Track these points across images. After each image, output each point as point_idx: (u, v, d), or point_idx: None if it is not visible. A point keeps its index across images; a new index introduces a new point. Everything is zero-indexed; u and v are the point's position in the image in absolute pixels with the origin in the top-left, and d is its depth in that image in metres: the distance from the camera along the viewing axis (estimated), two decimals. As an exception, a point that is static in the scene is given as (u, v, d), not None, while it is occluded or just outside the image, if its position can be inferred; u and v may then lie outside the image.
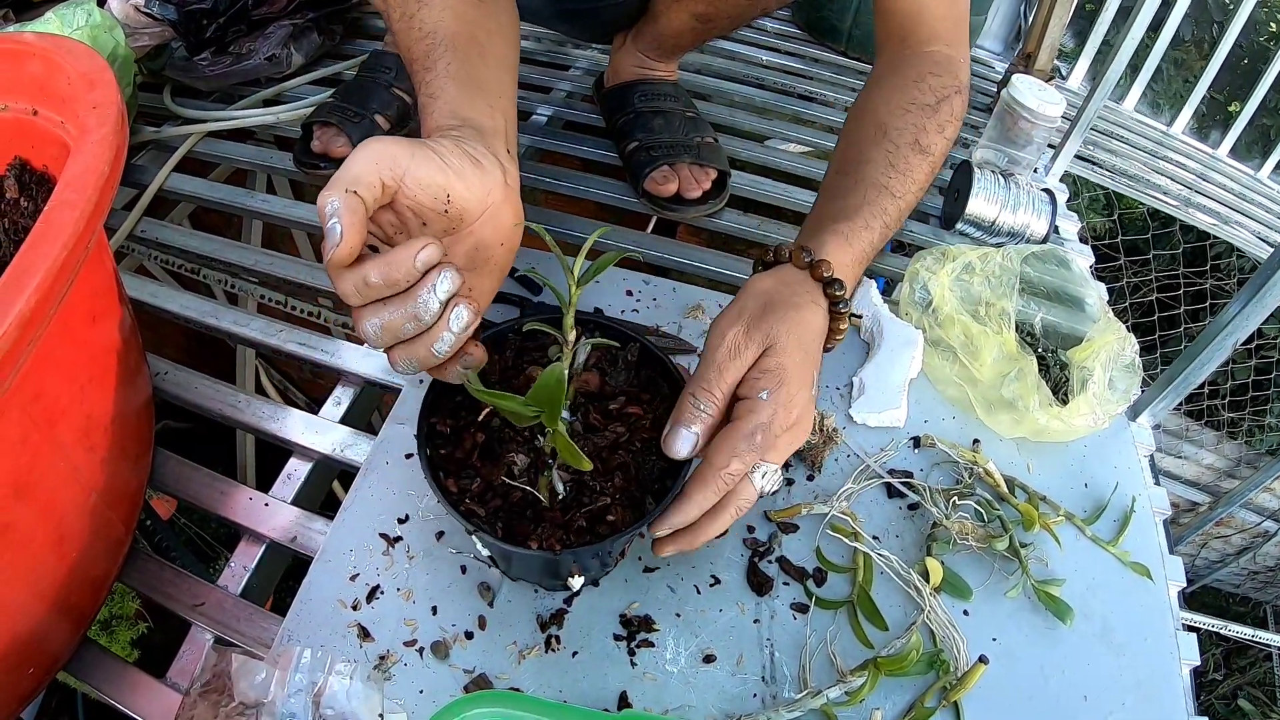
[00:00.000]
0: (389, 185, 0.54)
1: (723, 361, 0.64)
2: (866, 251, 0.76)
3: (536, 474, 0.64)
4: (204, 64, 1.26)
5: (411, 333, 0.55)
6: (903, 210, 0.79)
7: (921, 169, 0.80)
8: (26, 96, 0.68)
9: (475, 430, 0.66)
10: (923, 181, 0.81)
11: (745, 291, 0.70)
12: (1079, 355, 0.93)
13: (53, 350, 0.56)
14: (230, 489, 0.80)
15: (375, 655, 0.67)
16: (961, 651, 0.72)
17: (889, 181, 0.78)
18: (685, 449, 0.63)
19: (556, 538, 0.61)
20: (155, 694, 0.68)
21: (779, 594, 0.75)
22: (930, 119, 0.82)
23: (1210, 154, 2.11)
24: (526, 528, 0.62)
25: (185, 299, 0.97)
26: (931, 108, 0.83)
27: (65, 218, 0.51)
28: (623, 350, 0.71)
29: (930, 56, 0.87)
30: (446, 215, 0.58)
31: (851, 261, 0.74)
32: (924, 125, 0.82)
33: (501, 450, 0.65)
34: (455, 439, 0.66)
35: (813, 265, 0.71)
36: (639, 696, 0.67)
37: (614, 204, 1.20)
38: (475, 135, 0.62)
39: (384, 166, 0.53)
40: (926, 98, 0.83)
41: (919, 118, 0.82)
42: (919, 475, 0.86)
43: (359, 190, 0.52)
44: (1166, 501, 0.91)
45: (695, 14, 1.06)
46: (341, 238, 0.51)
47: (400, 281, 0.53)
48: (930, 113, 0.83)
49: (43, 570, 0.59)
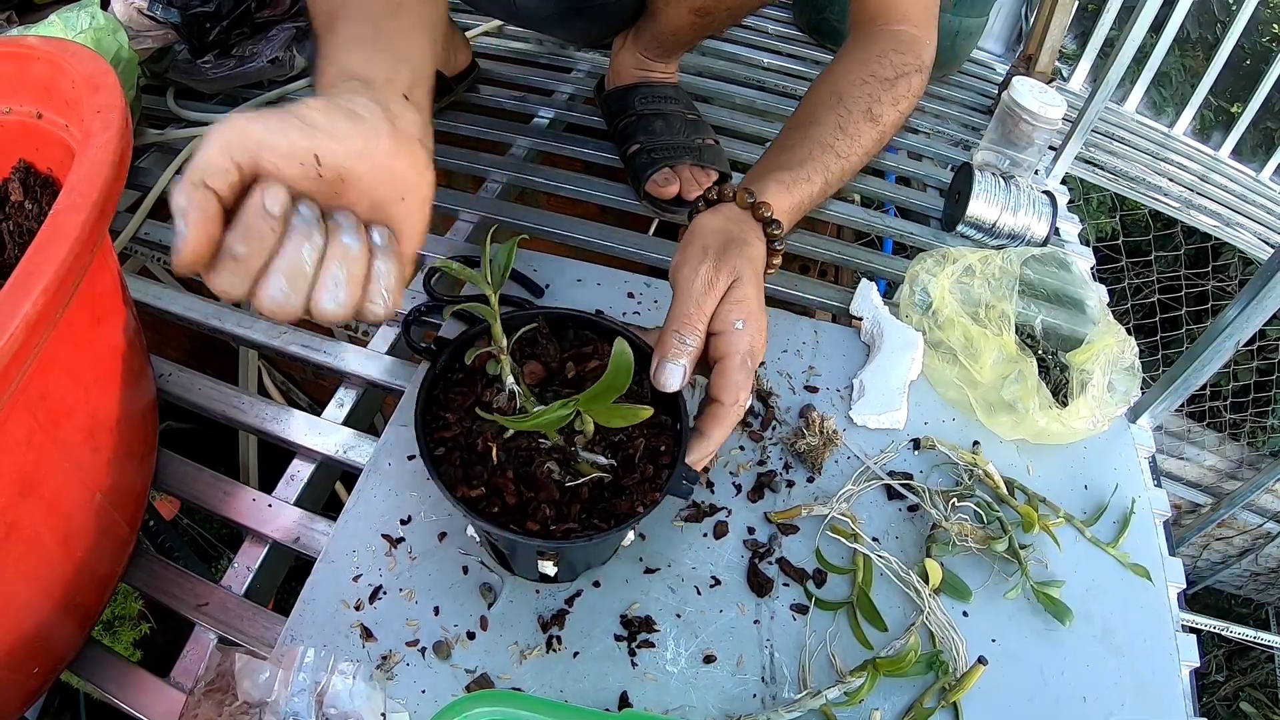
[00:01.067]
0: (243, 165, 0.49)
1: (699, 296, 0.68)
2: (804, 202, 0.82)
3: None
4: (207, 66, 1.26)
5: (312, 261, 0.51)
6: (845, 170, 0.86)
7: (869, 136, 0.87)
8: (31, 100, 0.69)
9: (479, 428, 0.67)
10: (869, 147, 0.87)
11: (699, 230, 0.74)
12: (1079, 358, 0.93)
13: (58, 351, 0.56)
14: (234, 490, 0.81)
15: (378, 655, 0.67)
16: (961, 652, 0.72)
17: (835, 142, 0.84)
18: (676, 381, 0.67)
19: (541, 522, 0.62)
20: (159, 693, 0.68)
21: (779, 595, 0.76)
22: (886, 92, 0.88)
23: (1212, 155, 2.11)
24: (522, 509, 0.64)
25: (189, 301, 0.98)
26: (889, 81, 0.89)
27: (71, 221, 0.51)
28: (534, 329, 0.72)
29: (897, 35, 0.93)
30: (323, 179, 0.52)
31: (790, 208, 0.80)
32: (879, 96, 0.88)
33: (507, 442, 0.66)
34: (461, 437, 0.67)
35: (754, 206, 0.76)
36: (639, 697, 0.68)
37: (615, 206, 1.20)
38: (361, 88, 0.58)
39: (235, 147, 0.48)
40: (886, 72, 0.89)
41: (875, 89, 0.88)
42: (919, 477, 0.86)
43: (210, 181, 0.47)
44: (1167, 503, 0.91)
45: (693, 8, 1.06)
46: (185, 240, 0.47)
47: (268, 232, 0.49)
48: (887, 86, 0.88)
49: (49, 569, 0.60)
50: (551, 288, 1.00)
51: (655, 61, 1.22)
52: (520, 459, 0.66)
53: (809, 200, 0.83)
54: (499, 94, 1.44)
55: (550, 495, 0.63)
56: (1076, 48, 2.11)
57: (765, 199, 0.77)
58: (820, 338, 1.00)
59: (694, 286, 0.68)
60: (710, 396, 0.68)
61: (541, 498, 0.63)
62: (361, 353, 0.93)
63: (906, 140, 1.52)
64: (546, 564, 0.68)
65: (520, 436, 0.66)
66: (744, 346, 0.68)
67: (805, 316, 1.03)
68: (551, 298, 0.99)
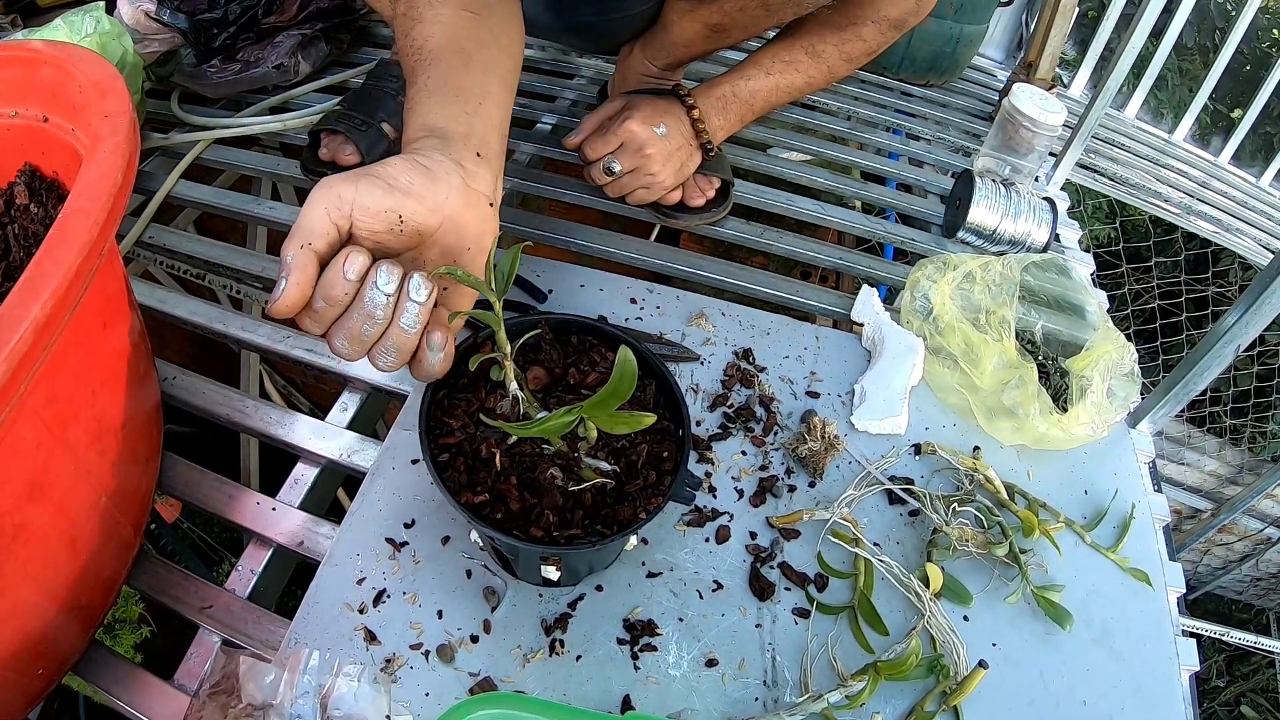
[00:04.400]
0: (341, 225, 0.57)
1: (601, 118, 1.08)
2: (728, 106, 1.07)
3: None
4: (212, 71, 1.27)
5: (372, 332, 0.58)
6: (777, 86, 1.06)
7: (808, 67, 1.05)
8: (37, 103, 0.69)
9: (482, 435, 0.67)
10: (809, 75, 1.06)
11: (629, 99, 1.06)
12: (1079, 364, 0.94)
13: (66, 355, 0.56)
14: (238, 493, 0.81)
15: (381, 658, 0.67)
16: (961, 656, 0.72)
17: (770, 65, 1.06)
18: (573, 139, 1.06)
19: (545, 528, 0.63)
20: (162, 696, 0.68)
21: (780, 599, 0.76)
22: (832, 34, 1.03)
23: (1212, 162, 2.12)
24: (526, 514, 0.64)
25: (193, 304, 0.98)
26: (838, 27, 1.02)
27: (80, 225, 0.52)
28: (537, 335, 0.73)
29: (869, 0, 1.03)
30: (404, 235, 0.60)
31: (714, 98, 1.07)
32: (824, 37, 1.03)
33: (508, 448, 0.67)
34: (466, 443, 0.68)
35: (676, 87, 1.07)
36: (642, 700, 0.68)
37: (618, 212, 1.20)
38: (439, 144, 0.65)
39: (332, 209, 0.57)
40: (838, 20, 1.02)
41: (822, 30, 1.03)
42: (920, 482, 0.87)
43: (313, 241, 0.56)
44: (1166, 508, 0.92)
45: (709, 24, 1.07)
46: (282, 293, 0.56)
47: (341, 295, 0.57)
48: (835, 29, 1.02)
49: (54, 571, 0.60)
50: (555, 293, 1.00)
51: (661, 71, 1.22)
52: (524, 465, 0.66)
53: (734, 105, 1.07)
54: (502, 99, 1.44)
55: (554, 501, 0.64)
56: (1077, 54, 2.11)
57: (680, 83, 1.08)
58: (822, 343, 1.00)
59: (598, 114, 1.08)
60: None
61: (545, 503, 0.64)
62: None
63: (908, 147, 1.52)
64: (550, 569, 0.69)
65: (524, 442, 0.67)
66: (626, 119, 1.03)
67: (807, 322, 1.04)
68: (554, 303, 0.99)
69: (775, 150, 1.52)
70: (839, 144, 1.51)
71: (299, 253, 0.56)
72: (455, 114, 0.69)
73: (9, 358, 0.45)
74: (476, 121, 0.69)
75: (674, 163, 1.07)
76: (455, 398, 0.69)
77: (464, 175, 0.64)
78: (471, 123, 0.69)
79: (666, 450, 0.68)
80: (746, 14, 1.03)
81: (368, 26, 1.54)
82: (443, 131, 0.67)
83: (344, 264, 0.56)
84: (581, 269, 1.05)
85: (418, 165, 0.62)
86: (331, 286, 0.56)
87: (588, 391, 0.71)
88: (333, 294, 0.56)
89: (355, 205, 0.57)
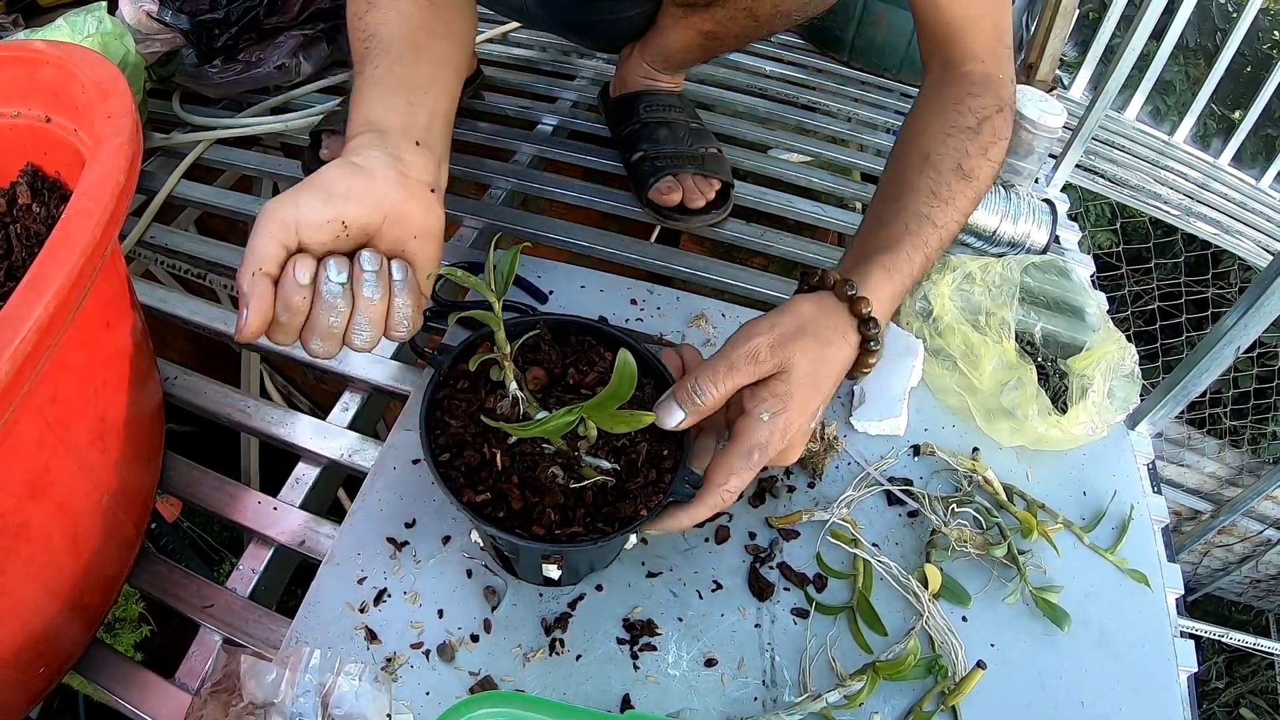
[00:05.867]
0: (289, 245, 0.59)
1: (737, 362, 0.66)
2: (906, 284, 0.76)
3: None
4: (214, 72, 1.27)
5: (339, 322, 0.60)
6: (944, 240, 0.79)
7: (965, 195, 0.80)
8: (39, 103, 0.69)
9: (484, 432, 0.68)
10: (966, 208, 0.81)
11: (786, 309, 0.70)
12: (1079, 365, 0.94)
13: (69, 354, 0.57)
14: (239, 493, 0.81)
15: (382, 657, 0.68)
16: (960, 657, 0.72)
17: (931, 211, 0.78)
18: (672, 422, 0.66)
19: (546, 525, 0.63)
20: (164, 694, 0.68)
21: (780, 599, 0.76)
22: (972, 142, 0.82)
23: (1212, 163, 2.12)
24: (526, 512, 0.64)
25: (195, 305, 0.98)
26: (973, 130, 0.83)
27: (83, 225, 0.52)
28: (536, 336, 0.74)
29: (968, 76, 0.87)
30: (350, 237, 0.61)
31: (890, 296, 0.75)
32: (966, 149, 0.82)
33: None
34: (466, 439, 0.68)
35: (853, 300, 0.72)
36: (641, 699, 0.68)
37: (618, 213, 1.21)
38: (377, 139, 0.66)
39: (278, 233, 0.58)
40: (967, 120, 0.83)
41: (961, 142, 0.82)
42: (919, 483, 0.87)
43: (264, 266, 0.57)
44: (1165, 509, 0.92)
45: (702, 31, 1.07)
46: (246, 320, 0.57)
47: (300, 302, 0.58)
48: (972, 135, 0.83)
49: (56, 570, 0.60)
50: (555, 294, 1.00)
51: (661, 73, 1.22)
52: (525, 464, 0.66)
53: (910, 282, 0.77)
54: (502, 100, 1.45)
55: (555, 500, 0.64)
56: (1077, 56, 2.12)
57: (867, 290, 0.72)
58: (821, 344, 1.00)
59: (739, 350, 0.66)
60: (706, 472, 0.66)
61: (546, 502, 0.64)
62: (366, 357, 0.94)
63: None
64: (551, 568, 0.69)
65: (524, 441, 0.67)
66: (759, 438, 0.65)
67: (806, 323, 1.04)
68: (555, 304, 0.99)
69: (775, 151, 1.52)
70: (839, 145, 1.51)
71: (253, 280, 0.57)
72: (397, 106, 0.69)
73: (12, 357, 0.46)
74: (420, 111, 0.70)
75: None
76: (456, 398, 0.70)
77: (401, 167, 0.65)
78: (414, 113, 0.69)
79: (666, 449, 0.69)
80: (737, 23, 1.03)
81: (369, 27, 1.54)
82: (381, 125, 0.67)
83: (294, 273, 0.58)
84: (582, 270, 1.05)
85: (353, 167, 0.63)
86: (290, 296, 0.58)
87: (587, 391, 0.71)
88: (292, 302, 0.58)
89: (299, 224, 0.58)
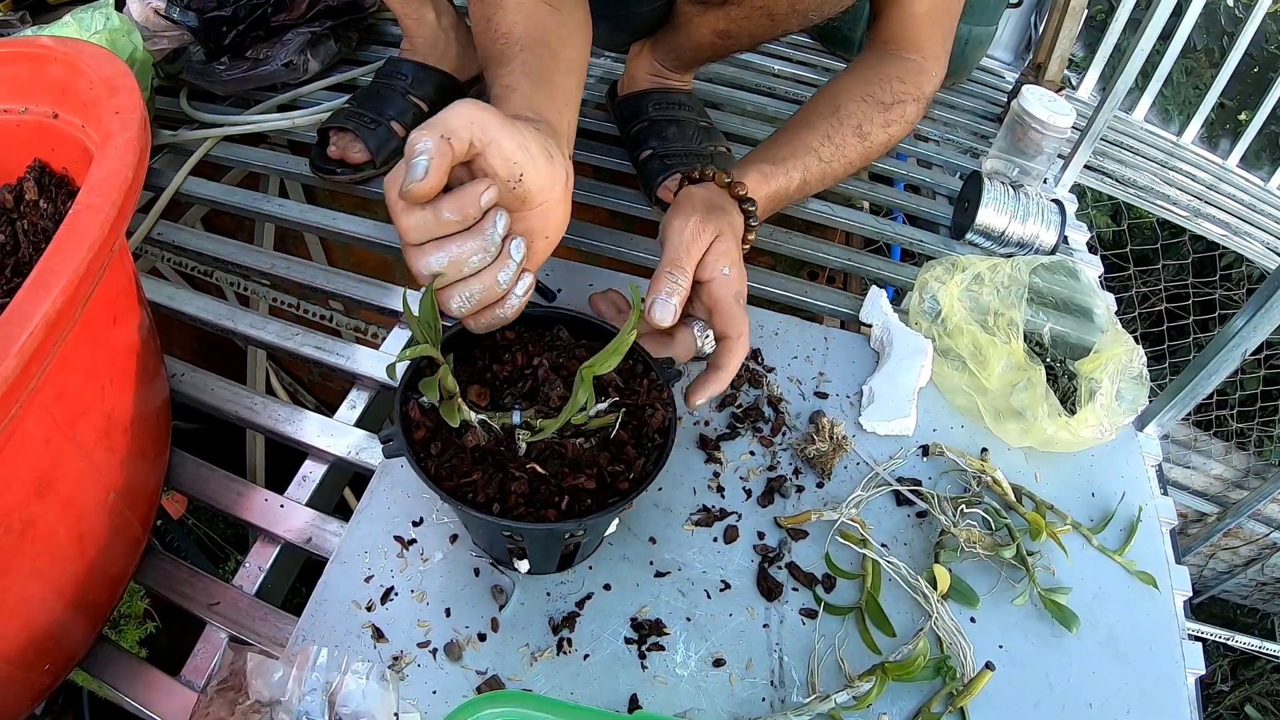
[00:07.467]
0: (475, 147, 0.57)
1: (689, 243, 0.75)
2: (780, 193, 0.90)
3: None
4: (221, 69, 1.27)
5: (477, 265, 0.59)
6: (825, 175, 0.94)
7: (854, 149, 0.95)
8: (47, 100, 0.69)
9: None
10: (852, 159, 0.95)
11: (686, 195, 0.82)
12: (1087, 366, 0.93)
13: (76, 351, 0.57)
14: (246, 490, 0.81)
15: (389, 656, 0.68)
16: (968, 658, 0.72)
17: (820, 148, 0.93)
18: (669, 316, 0.73)
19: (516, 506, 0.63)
20: (169, 692, 0.68)
21: (788, 599, 0.76)
22: (880, 114, 0.96)
23: (1220, 164, 2.11)
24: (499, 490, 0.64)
25: (201, 301, 0.98)
26: (885, 105, 0.96)
27: (90, 221, 0.52)
28: None
29: (905, 63, 0.99)
30: (513, 193, 0.61)
31: (766, 195, 0.88)
32: (871, 117, 0.95)
33: None
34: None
35: (730, 185, 0.85)
36: (649, 699, 0.68)
37: (626, 211, 1.20)
38: (550, 131, 0.67)
39: (477, 128, 0.57)
40: (884, 96, 0.96)
41: (870, 110, 0.95)
42: (927, 483, 0.86)
43: (452, 139, 0.55)
44: (1173, 511, 0.92)
45: (716, 30, 1.06)
46: (426, 174, 0.54)
47: (470, 217, 0.57)
48: (881, 109, 0.96)
49: (63, 567, 0.60)
50: (564, 292, 1.00)
51: (671, 71, 1.22)
52: (509, 456, 0.66)
53: (785, 192, 0.91)
54: (509, 98, 1.44)
55: (567, 481, 0.64)
56: (1085, 56, 2.11)
57: (743, 182, 0.85)
58: (830, 344, 1.00)
59: (683, 235, 0.76)
60: (719, 334, 0.77)
61: (566, 481, 0.64)
62: (373, 355, 0.94)
63: (916, 148, 1.52)
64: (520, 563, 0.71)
65: (507, 436, 0.67)
66: (735, 288, 0.77)
67: (815, 323, 1.04)
68: (563, 302, 0.98)
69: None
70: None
71: (439, 141, 0.55)
72: (553, 106, 0.71)
73: (19, 353, 0.45)
74: (564, 120, 0.72)
75: None
76: (434, 443, 0.66)
77: (566, 169, 0.66)
78: (561, 120, 0.71)
79: (657, 416, 0.70)
80: (752, 22, 1.03)
81: (377, 24, 1.55)
82: (550, 122, 0.69)
83: (483, 190, 0.57)
84: (591, 268, 1.05)
85: (546, 143, 0.63)
86: (468, 203, 0.57)
87: (535, 384, 0.71)
88: (468, 210, 0.57)
89: (495, 142, 0.57)
